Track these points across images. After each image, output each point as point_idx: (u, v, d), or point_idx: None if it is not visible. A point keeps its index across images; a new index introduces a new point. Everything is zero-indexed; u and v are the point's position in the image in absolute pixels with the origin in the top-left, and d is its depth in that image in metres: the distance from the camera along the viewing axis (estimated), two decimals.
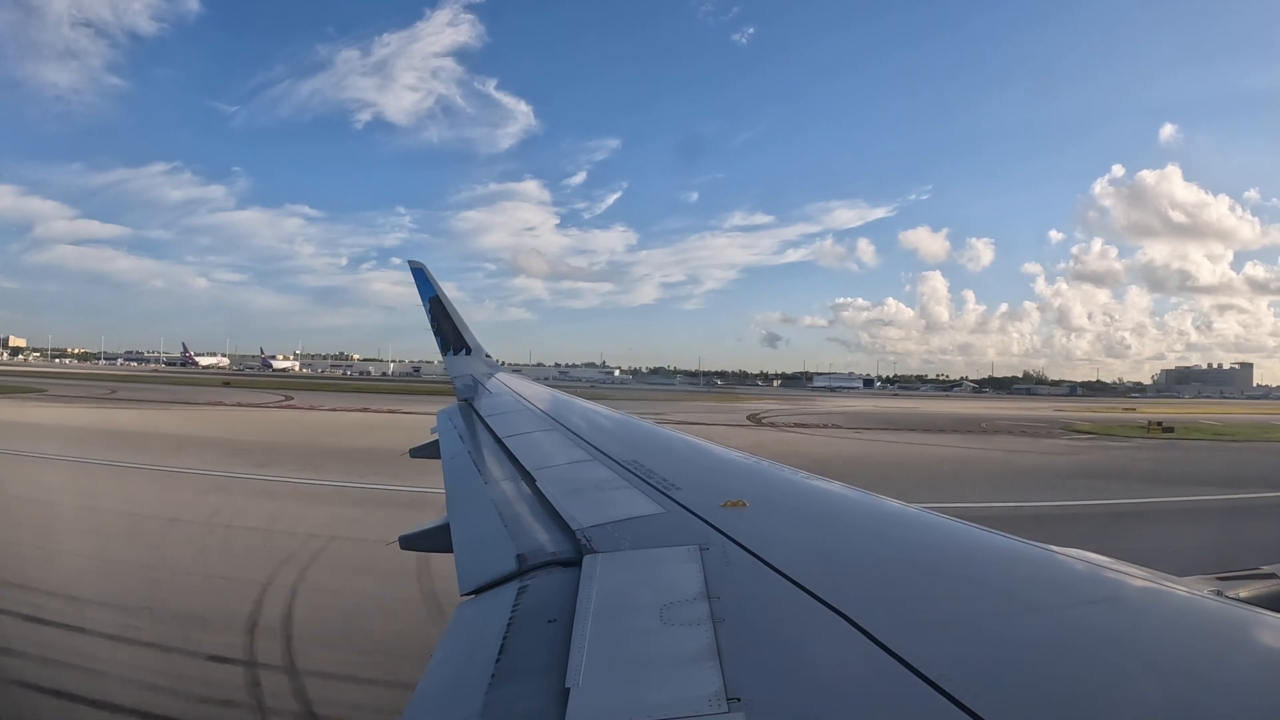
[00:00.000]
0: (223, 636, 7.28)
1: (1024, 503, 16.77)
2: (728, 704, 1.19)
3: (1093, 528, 14.35)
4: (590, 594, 1.70)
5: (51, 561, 9.87)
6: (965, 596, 1.69)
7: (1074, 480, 20.40)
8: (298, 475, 17.03)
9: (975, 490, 18.81)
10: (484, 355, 8.53)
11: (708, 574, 1.73)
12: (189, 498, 14.27)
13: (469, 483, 3.44)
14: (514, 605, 1.77)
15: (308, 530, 11.51)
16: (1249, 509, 17.04)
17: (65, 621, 7.63)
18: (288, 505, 13.85)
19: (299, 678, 6.56)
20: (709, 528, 2.09)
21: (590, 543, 2.08)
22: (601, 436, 3.99)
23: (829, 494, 2.66)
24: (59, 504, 13.41)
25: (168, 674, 6.60)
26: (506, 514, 2.65)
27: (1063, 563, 1.88)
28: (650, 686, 1.30)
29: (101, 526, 11.91)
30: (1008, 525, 2.14)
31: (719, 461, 3.44)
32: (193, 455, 19.61)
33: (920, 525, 2.25)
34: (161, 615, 7.95)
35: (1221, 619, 1.60)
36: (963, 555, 1.98)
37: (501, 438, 4.28)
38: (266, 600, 8.40)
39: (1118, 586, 1.75)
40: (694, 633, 1.45)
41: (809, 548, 2.05)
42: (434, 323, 8.54)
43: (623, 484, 2.76)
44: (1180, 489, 19.74)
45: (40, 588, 8.57)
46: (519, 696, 1.38)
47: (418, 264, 8.67)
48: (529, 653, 1.52)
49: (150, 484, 15.93)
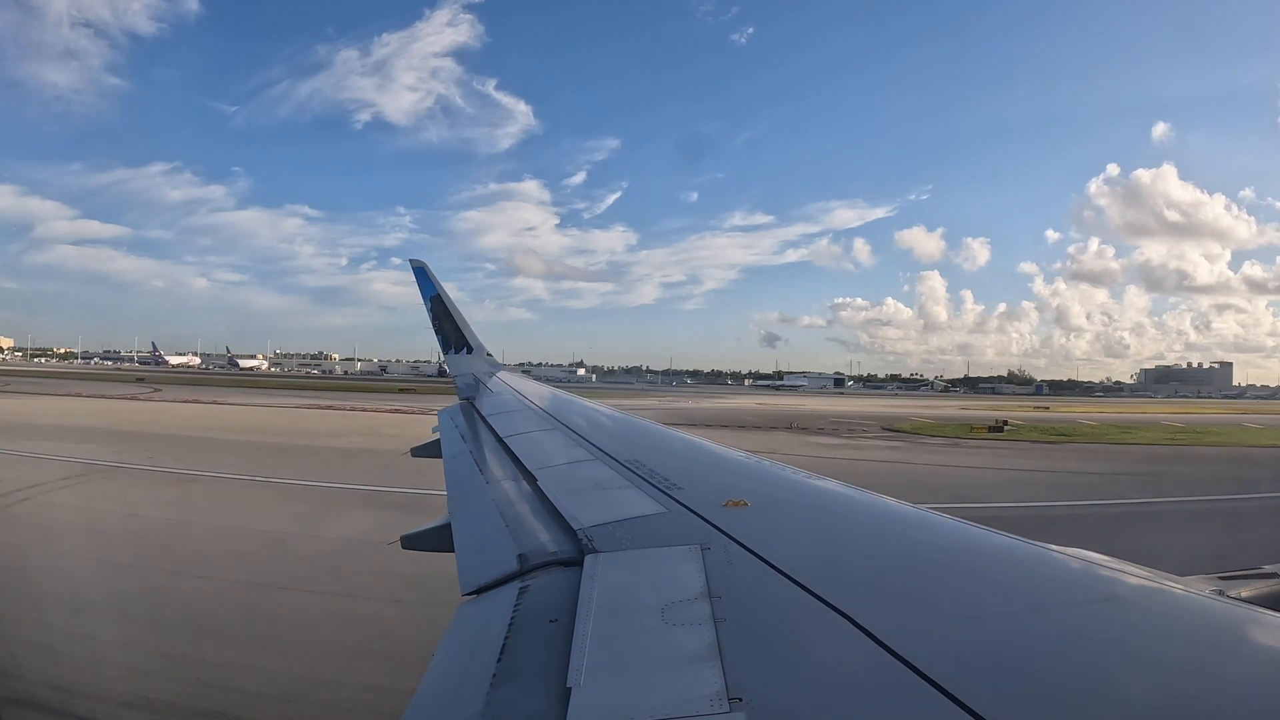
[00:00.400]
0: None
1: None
2: (729, 704, 1.19)
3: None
4: (592, 594, 1.70)
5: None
6: (968, 596, 1.68)
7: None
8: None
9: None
10: (485, 354, 8.52)
11: (709, 574, 1.73)
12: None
13: (470, 482, 3.44)
14: (515, 605, 1.77)
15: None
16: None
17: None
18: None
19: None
20: (710, 527, 2.08)
21: (591, 542, 2.08)
22: (603, 436, 3.99)
23: (830, 493, 2.65)
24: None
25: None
26: (508, 513, 2.65)
27: (1065, 562, 1.88)
28: (652, 686, 1.30)
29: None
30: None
31: (720, 461, 3.43)
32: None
33: (922, 525, 2.25)
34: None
35: (1223, 618, 1.59)
36: (965, 555, 1.98)
37: (503, 437, 4.28)
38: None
39: (1119, 586, 1.75)
40: (695, 633, 1.45)
41: (810, 547, 2.05)
42: (435, 321, 8.52)
43: (624, 483, 2.76)
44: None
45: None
46: (520, 696, 1.38)
47: (419, 262, 8.64)
48: (530, 653, 1.52)
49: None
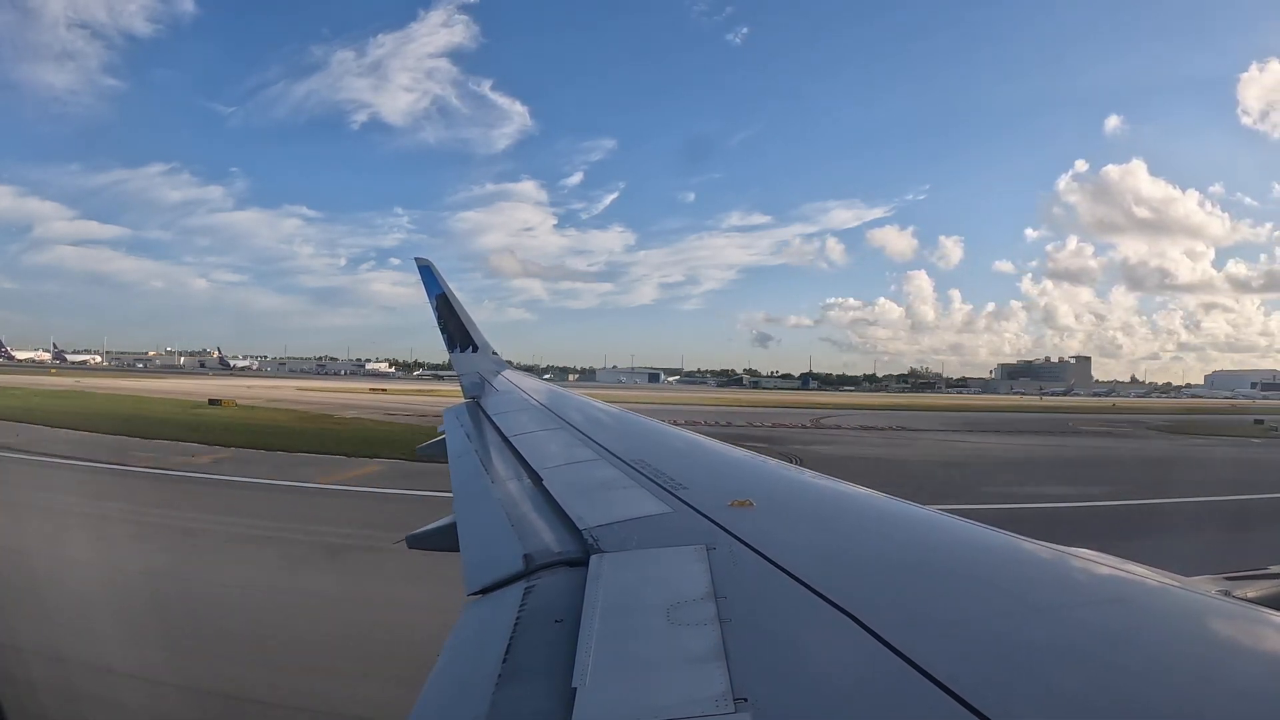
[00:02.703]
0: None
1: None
2: (734, 704, 1.19)
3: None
4: (597, 594, 1.70)
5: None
6: (974, 597, 1.68)
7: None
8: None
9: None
10: (491, 352, 8.49)
11: (714, 574, 1.73)
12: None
13: (475, 482, 3.45)
14: (521, 605, 1.77)
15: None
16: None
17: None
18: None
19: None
20: (716, 527, 2.08)
21: (597, 542, 2.08)
22: (608, 435, 3.99)
23: (836, 493, 2.65)
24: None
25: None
26: (513, 513, 2.65)
27: (1071, 562, 1.87)
28: (657, 687, 1.30)
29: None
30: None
31: (726, 461, 3.43)
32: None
33: (928, 525, 2.24)
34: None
35: (1230, 619, 1.58)
36: (971, 555, 1.97)
37: (508, 436, 4.28)
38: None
39: (1126, 586, 1.74)
40: (701, 633, 1.44)
41: (816, 548, 2.04)
42: (440, 320, 8.50)
43: (629, 483, 2.76)
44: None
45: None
46: (526, 697, 1.38)
47: (424, 261, 8.59)
48: (536, 653, 1.52)
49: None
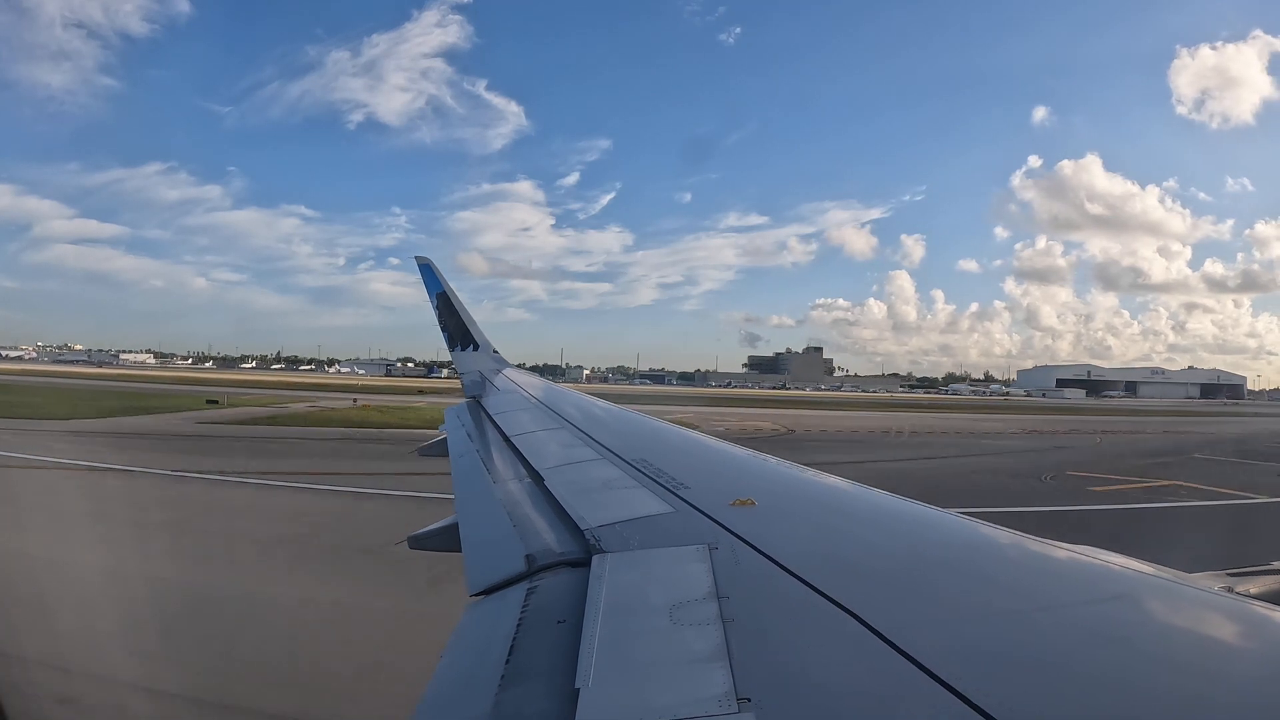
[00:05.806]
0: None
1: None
2: (738, 704, 1.18)
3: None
4: (599, 594, 1.70)
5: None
6: (978, 595, 1.68)
7: None
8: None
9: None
10: (491, 351, 8.47)
11: (717, 574, 1.72)
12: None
13: (477, 482, 3.44)
14: (523, 606, 1.77)
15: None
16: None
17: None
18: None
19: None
20: (718, 527, 2.08)
21: (599, 542, 2.07)
22: (610, 435, 3.98)
23: (838, 492, 2.64)
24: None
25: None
26: (515, 514, 2.65)
27: (1074, 560, 1.87)
28: (660, 687, 1.30)
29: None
30: None
31: (728, 460, 3.43)
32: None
33: (930, 523, 2.24)
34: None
35: (1233, 615, 1.58)
36: (974, 554, 1.97)
37: (509, 435, 4.27)
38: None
39: (1129, 583, 1.73)
40: (703, 633, 1.44)
41: (819, 547, 2.04)
42: (441, 319, 8.49)
43: (631, 483, 2.75)
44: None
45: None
46: (529, 697, 1.38)
47: (424, 259, 8.56)
48: (538, 653, 1.52)
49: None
